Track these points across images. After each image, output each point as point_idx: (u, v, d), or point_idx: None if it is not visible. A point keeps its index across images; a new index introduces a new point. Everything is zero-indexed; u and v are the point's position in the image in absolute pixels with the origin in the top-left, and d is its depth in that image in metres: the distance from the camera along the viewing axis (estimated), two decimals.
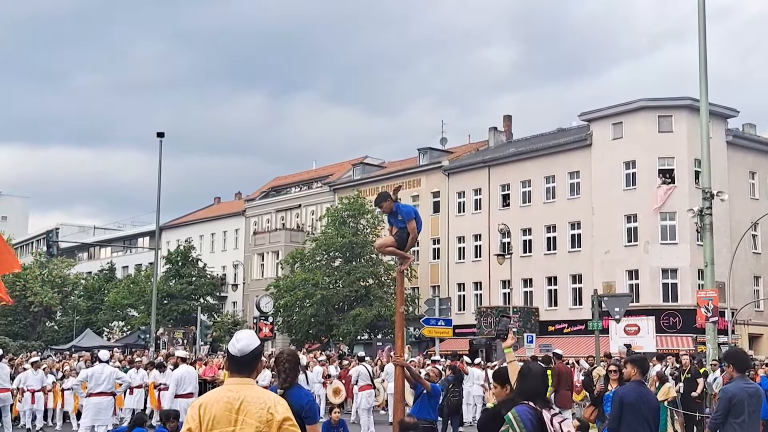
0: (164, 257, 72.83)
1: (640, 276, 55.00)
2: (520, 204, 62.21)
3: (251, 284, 78.43)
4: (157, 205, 45.67)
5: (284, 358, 8.24)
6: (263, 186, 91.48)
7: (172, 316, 70.55)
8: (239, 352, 5.79)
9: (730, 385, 10.54)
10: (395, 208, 11.75)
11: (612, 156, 56.47)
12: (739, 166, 57.55)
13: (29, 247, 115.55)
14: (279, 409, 5.63)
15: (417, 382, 13.66)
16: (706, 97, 26.74)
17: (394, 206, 11.75)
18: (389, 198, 11.74)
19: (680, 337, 51.61)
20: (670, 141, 54.94)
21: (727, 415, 9.90)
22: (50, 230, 55.31)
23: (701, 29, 26.68)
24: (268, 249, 77.80)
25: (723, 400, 10.20)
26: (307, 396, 8.09)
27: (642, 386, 10.12)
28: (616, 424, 9.77)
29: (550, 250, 60.22)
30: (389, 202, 11.73)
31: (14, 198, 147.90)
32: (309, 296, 61.70)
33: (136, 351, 45.99)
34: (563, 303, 58.82)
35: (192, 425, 5.59)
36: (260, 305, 51.64)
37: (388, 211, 11.86)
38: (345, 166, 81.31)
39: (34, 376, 26.92)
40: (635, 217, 55.43)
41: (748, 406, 9.92)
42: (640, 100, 56.11)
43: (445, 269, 66.71)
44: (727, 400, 9.99)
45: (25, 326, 77.96)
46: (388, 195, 11.81)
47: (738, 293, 52.75)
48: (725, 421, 9.92)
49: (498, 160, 64.63)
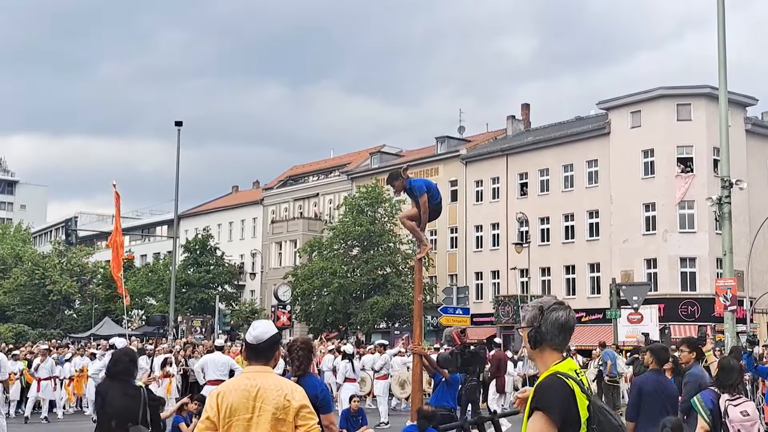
0: (182, 246, 72.93)
1: (658, 265, 54.84)
2: (538, 193, 62.09)
3: (269, 273, 78.53)
4: (176, 193, 45.72)
5: (298, 346, 8.27)
6: (281, 175, 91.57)
7: (191, 304, 70.69)
8: (255, 339, 5.82)
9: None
10: (408, 184, 11.71)
11: (630, 144, 56.25)
12: (758, 154, 57.28)
13: (48, 236, 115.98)
14: (296, 396, 5.67)
15: (436, 371, 13.66)
16: (725, 85, 26.59)
17: (406, 183, 11.71)
18: (400, 177, 11.70)
19: (698, 326, 51.43)
20: (689, 129, 54.70)
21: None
22: (69, 219, 55.26)
23: (720, 17, 26.53)
24: (286, 237, 77.89)
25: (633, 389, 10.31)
26: (320, 385, 8.12)
27: (660, 375, 10.10)
28: (635, 412, 9.77)
29: (568, 239, 60.11)
30: (400, 181, 11.69)
31: (33, 186, 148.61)
32: (326, 285, 61.75)
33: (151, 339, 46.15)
34: (581, 292, 58.68)
35: (210, 413, 5.63)
36: (278, 294, 51.67)
37: (400, 190, 11.82)
38: (363, 154, 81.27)
39: (43, 365, 27.04)
40: (653, 205, 55.24)
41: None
42: (658, 89, 55.88)
43: (462, 258, 66.65)
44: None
45: (43, 314, 78.25)
46: (399, 174, 11.77)
47: (757, 282, 52.57)
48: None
49: (516, 149, 64.48)
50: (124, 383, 8.91)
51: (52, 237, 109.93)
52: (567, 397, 4.55)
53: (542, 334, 4.76)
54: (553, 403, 4.54)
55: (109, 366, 9.41)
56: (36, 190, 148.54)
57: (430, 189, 11.81)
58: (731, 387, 8.91)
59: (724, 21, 26.54)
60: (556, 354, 4.77)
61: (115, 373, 9.05)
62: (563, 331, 4.76)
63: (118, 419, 8.65)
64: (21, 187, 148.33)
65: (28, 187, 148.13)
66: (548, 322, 4.76)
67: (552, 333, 4.75)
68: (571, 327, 4.80)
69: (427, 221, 11.93)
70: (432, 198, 11.76)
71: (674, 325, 50.86)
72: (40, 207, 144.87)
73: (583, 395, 4.59)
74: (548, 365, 4.73)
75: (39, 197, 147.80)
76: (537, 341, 4.78)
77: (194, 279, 72.46)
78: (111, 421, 8.69)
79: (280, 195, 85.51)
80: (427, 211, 11.72)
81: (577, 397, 4.56)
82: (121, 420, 8.63)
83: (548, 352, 4.79)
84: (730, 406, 8.70)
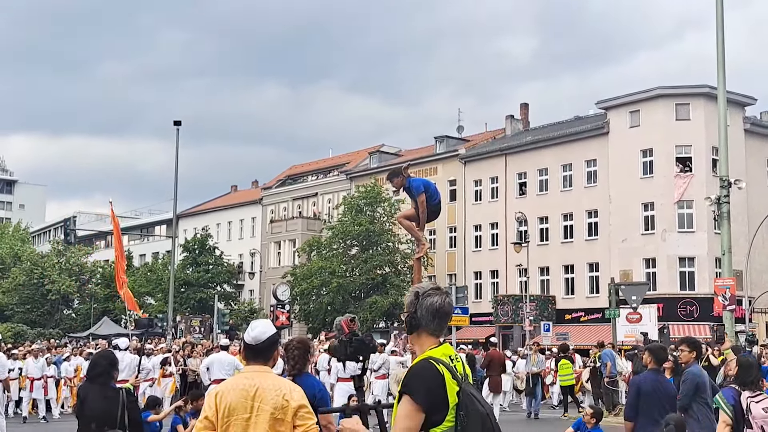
0: (181, 245, 72.90)
1: (657, 264, 54.85)
2: (537, 192, 62.09)
3: (268, 272, 78.50)
4: (175, 193, 45.65)
5: (294, 346, 8.25)
6: (280, 174, 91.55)
7: (189, 304, 70.68)
8: (254, 339, 5.83)
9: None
10: (407, 183, 11.73)
11: (629, 144, 56.26)
12: (757, 153, 57.32)
13: (47, 235, 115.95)
14: (294, 396, 5.67)
15: None
16: (723, 85, 26.63)
17: (406, 182, 11.72)
18: (401, 174, 11.70)
19: (697, 325, 51.48)
20: (688, 129, 54.70)
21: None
22: (67, 218, 55.13)
23: (719, 17, 26.57)
24: (285, 237, 77.90)
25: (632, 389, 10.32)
26: (318, 384, 8.10)
27: (659, 374, 10.10)
28: (633, 412, 9.77)
29: (567, 239, 60.14)
30: (400, 179, 11.68)
31: (32, 186, 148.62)
32: (325, 284, 61.75)
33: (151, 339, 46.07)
34: (580, 291, 58.73)
35: (209, 413, 5.62)
36: (277, 293, 51.61)
37: (399, 187, 11.82)
38: (362, 154, 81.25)
39: (35, 364, 26.99)
40: (652, 205, 55.24)
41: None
42: (657, 88, 55.89)
43: (461, 257, 66.65)
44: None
45: (42, 314, 78.25)
46: (399, 172, 11.77)
47: (755, 282, 52.60)
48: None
49: (515, 149, 64.48)
50: (103, 386, 8.96)
51: (50, 236, 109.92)
52: (435, 382, 4.63)
53: (417, 320, 4.86)
54: (419, 387, 4.62)
55: (88, 369, 9.50)
56: (35, 190, 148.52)
57: (428, 189, 11.76)
58: (752, 384, 8.95)
59: (722, 21, 26.58)
60: (432, 339, 4.86)
61: (93, 376, 9.12)
62: (438, 316, 4.85)
63: (97, 422, 8.70)
64: (20, 187, 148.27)
65: (27, 187, 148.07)
66: (423, 307, 4.86)
67: (427, 318, 4.84)
68: (446, 312, 4.89)
69: (426, 221, 11.90)
70: (431, 198, 11.72)
71: (673, 324, 50.85)
72: (39, 206, 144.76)
73: (453, 381, 4.66)
74: (424, 350, 4.82)
75: (38, 197, 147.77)
76: (413, 326, 4.89)
77: (193, 278, 72.45)
78: (91, 423, 8.76)
79: (279, 194, 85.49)
80: (425, 211, 11.68)
81: (446, 383, 4.63)
82: (100, 422, 8.69)
83: (424, 337, 4.87)
84: (752, 403, 8.72)
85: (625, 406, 10.38)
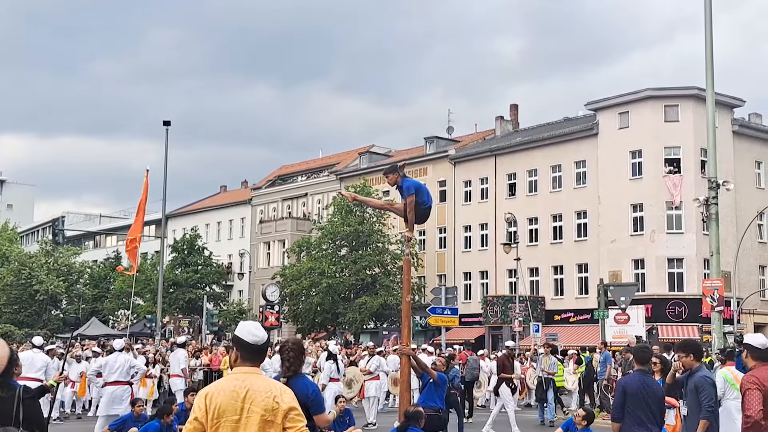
0: (170, 246, 72.75)
1: (646, 265, 54.95)
2: (527, 193, 62.17)
3: (257, 273, 78.45)
4: (164, 193, 45.53)
5: (289, 347, 8.21)
6: (269, 174, 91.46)
7: (178, 304, 70.57)
8: (261, 339, 5.80)
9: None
10: (401, 182, 11.79)
11: (618, 145, 56.37)
12: (745, 155, 57.48)
13: (35, 236, 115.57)
14: (285, 398, 5.64)
15: (424, 371, 13.69)
16: (712, 86, 26.72)
17: (400, 180, 11.78)
18: (396, 172, 11.79)
19: (685, 326, 51.61)
20: (677, 130, 54.83)
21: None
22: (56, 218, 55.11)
23: (708, 19, 26.64)
24: (275, 237, 77.87)
25: (618, 390, 10.31)
26: (312, 386, 8.09)
27: (646, 375, 10.11)
28: (620, 413, 9.77)
29: (556, 239, 60.23)
30: (395, 176, 11.78)
31: (20, 186, 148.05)
32: (315, 285, 61.72)
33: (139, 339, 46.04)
34: (569, 292, 58.81)
35: (198, 414, 5.60)
36: (266, 294, 51.57)
37: (393, 183, 11.91)
38: (351, 154, 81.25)
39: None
40: (641, 206, 55.36)
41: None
42: (646, 90, 56.02)
43: (451, 258, 66.68)
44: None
45: (30, 315, 78.02)
46: (396, 169, 11.87)
47: (744, 282, 52.75)
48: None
49: (504, 149, 64.54)
50: None
51: (39, 237, 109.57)
52: None
53: None
54: None
55: None
56: (23, 190, 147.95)
57: (420, 192, 11.83)
58: None
59: (711, 23, 26.66)
60: None
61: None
62: None
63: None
64: (8, 187, 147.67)
65: (15, 187, 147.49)
66: None
67: None
68: None
69: (414, 222, 11.97)
70: (422, 202, 11.80)
71: (662, 325, 51.11)
72: (28, 206, 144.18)
73: None
74: None
75: (26, 197, 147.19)
76: None
77: (182, 279, 72.30)
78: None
79: (268, 195, 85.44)
80: (412, 212, 11.77)
81: None
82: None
83: None
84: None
85: (612, 407, 10.40)
